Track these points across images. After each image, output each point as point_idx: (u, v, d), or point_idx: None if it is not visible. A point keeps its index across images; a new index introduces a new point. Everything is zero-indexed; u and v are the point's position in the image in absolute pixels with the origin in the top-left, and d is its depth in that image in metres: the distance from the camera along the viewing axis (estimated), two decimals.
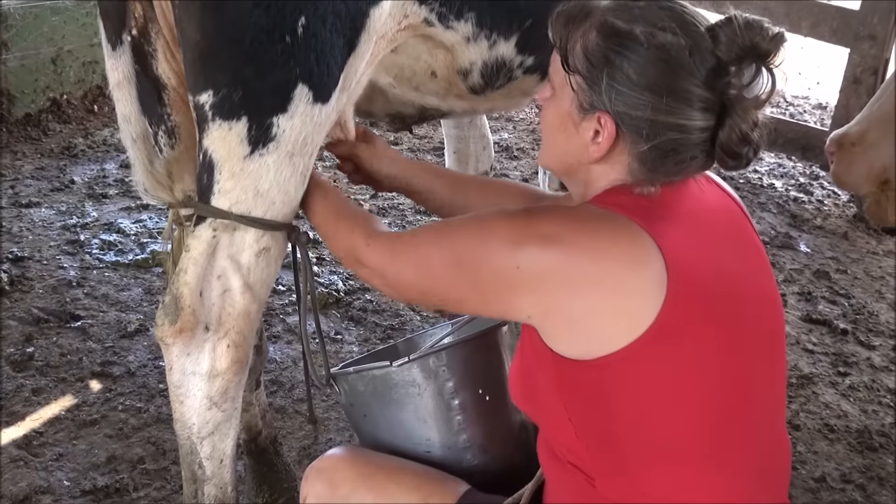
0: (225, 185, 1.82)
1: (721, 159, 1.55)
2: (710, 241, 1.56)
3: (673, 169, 1.55)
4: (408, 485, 1.79)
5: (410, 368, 1.87)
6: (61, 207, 4.55)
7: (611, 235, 1.48)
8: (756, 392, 1.57)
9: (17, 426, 3.00)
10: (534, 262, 1.49)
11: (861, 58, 5.33)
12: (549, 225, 1.52)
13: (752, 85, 1.51)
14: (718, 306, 1.51)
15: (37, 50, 5.31)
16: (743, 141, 1.52)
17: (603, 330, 1.46)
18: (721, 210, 1.65)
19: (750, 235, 1.68)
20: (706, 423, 1.50)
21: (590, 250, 1.47)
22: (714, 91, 1.50)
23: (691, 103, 1.49)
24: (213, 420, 2.00)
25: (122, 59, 1.84)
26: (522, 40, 2.18)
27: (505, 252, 1.52)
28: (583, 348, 1.47)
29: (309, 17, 1.72)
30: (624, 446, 1.50)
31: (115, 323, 3.61)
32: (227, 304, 1.93)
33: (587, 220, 1.52)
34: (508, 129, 6.30)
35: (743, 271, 1.59)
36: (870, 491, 3.08)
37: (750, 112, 1.51)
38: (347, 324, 3.77)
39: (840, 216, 5.37)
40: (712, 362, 1.50)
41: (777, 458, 1.64)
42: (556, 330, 1.50)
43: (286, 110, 1.77)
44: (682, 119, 1.50)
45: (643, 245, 1.46)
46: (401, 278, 1.70)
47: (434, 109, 2.35)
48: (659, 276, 1.44)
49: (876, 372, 3.80)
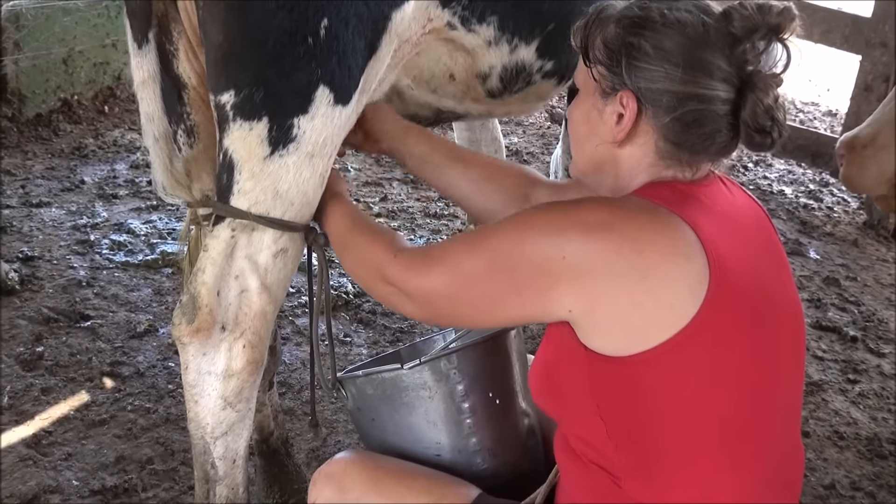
0: (244, 186, 1.83)
1: (748, 136, 1.55)
2: (744, 242, 1.56)
3: (697, 142, 1.56)
4: (418, 488, 1.78)
5: (422, 371, 1.86)
6: (71, 207, 4.55)
7: (655, 227, 1.47)
8: (781, 396, 1.57)
9: (27, 425, 3.00)
10: (580, 251, 1.46)
11: (872, 65, 5.33)
12: (593, 214, 1.51)
13: (766, 58, 1.54)
14: (755, 306, 1.51)
15: (48, 50, 5.31)
16: (767, 114, 1.53)
17: (644, 324, 1.45)
18: (750, 214, 1.66)
19: (775, 241, 1.69)
20: (735, 425, 1.50)
21: (635, 241, 1.46)
22: (731, 64, 1.52)
23: (711, 73, 1.52)
24: (227, 420, 2.00)
25: (147, 57, 1.84)
26: (543, 45, 2.19)
27: (549, 242, 1.49)
28: (620, 344, 1.46)
29: (331, 19, 1.72)
30: (656, 446, 1.49)
31: (124, 323, 3.61)
32: (244, 305, 1.93)
33: (631, 211, 1.51)
34: (518, 133, 6.31)
35: (773, 276, 1.60)
36: (879, 499, 3.07)
37: (771, 87, 1.54)
38: (356, 326, 3.77)
39: (850, 223, 5.37)
40: (747, 363, 1.50)
41: (793, 466, 1.64)
42: (595, 325, 1.48)
43: (307, 111, 1.77)
44: (701, 89, 1.51)
45: (686, 239, 1.46)
46: (430, 287, 1.63)
47: (450, 112, 2.35)
48: (701, 271, 1.44)
49: (885, 379, 3.80)
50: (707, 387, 1.47)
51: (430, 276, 1.63)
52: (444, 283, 1.62)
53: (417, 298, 1.66)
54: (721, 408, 1.49)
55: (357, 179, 5.29)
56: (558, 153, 3.43)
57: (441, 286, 1.62)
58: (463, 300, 1.61)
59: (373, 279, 1.74)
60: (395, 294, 1.69)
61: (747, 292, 1.50)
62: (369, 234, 1.81)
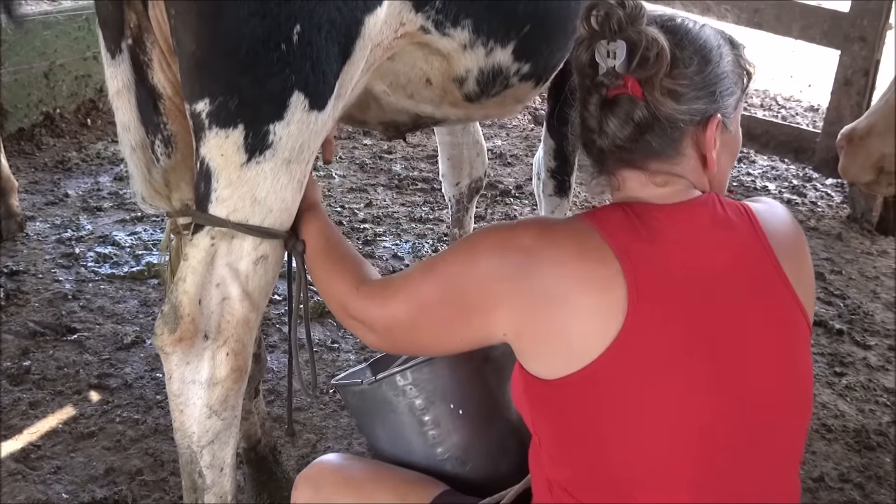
0: (222, 193, 1.82)
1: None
2: (704, 273, 1.52)
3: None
4: (386, 486, 1.84)
5: (380, 387, 1.91)
6: (56, 221, 4.55)
7: (580, 255, 1.49)
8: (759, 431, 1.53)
9: (15, 440, 2.99)
10: (517, 274, 1.50)
11: (852, 59, 5.35)
12: (527, 237, 1.54)
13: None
14: (689, 345, 1.48)
15: (29, 64, 5.31)
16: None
17: (559, 352, 1.47)
18: (734, 239, 1.57)
19: (765, 272, 1.57)
20: (687, 454, 1.48)
21: (557, 265, 1.49)
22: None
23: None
24: (212, 429, 2.00)
25: (121, 67, 1.84)
26: (520, 47, 2.19)
27: (492, 265, 1.53)
28: (543, 367, 1.50)
29: (304, 25, 1.72)
30: (594, 465, 1.51)
31: (111, 335, 3.61)
32: (226, 313, 1.93)
33: (561, 235, 1.54)
34: (502, 135, 6.32)
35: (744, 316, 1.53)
36: (868, 490, 3.09)
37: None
38: (344, 332, 3.77)
39: (834, 217, 5.39)
40: (672, 401, 1.47)
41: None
42: (526, 348, 1.52)
43: (283, 118, 1.78)
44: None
45: (608, 269, 1.47)
46: (390, 315, 1.68)
47: (428, 117, 2.35)
48: (618, 304, 1.45)
49: (872, 371, 3.82)
50: (632, 409, 1.47)
51: (390, 306, 1.68)
52: (403, 311, 1.66)
53: (378, 328, 1.72)
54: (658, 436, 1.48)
55: (342, 186, 5.30)
56: (540, 154, 3.44)
57: (400, 313, 1.67)
58: (419, 326, 1.65)
59: (337, 311, 1.82)
60: (357, 326, 1.76)
61: (676, 334, 1.48)
62: (335, 262, 1.86)
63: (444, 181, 3.75)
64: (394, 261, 4.45)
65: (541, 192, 3.44)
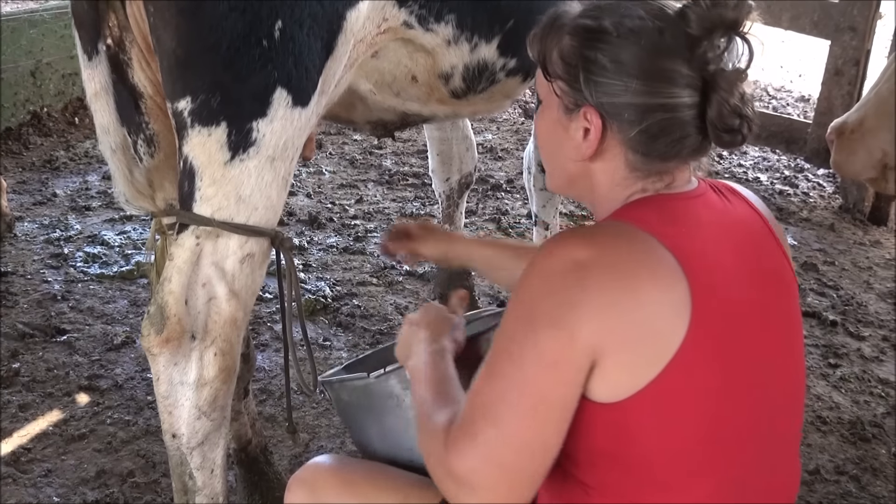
0: (206, 192, 1.81)
1: (716, 136, 1.52)
2: (734, 259, 1.51)
3: (667, 149, 1.52)
4: (387, 489, 1.79)
5: (388, 380, 1.86)
6: (44, 221, 4.52)
7: (639, 256, 1.43)
8: (778, 419, 1.54)
9: (5, 443, 2.97)
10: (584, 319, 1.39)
11: (842, 49, 5.35)
12: (578, 252, 1.44)
13: (728, 55, 1.50)
14: (744, 324, 1.48)
15: (15, 63, 5.28)
16: (734, 113, 1.49)
17: (653, 346, 1.40)
18: (744, 224, 1.60)
19: (773, 252, 1.61)
20: (717, 445, 1.47)
21: (622, 272, 1.41)
22: (693, 68, 1.48)
23: (673, 81, 1.48)
24: (202, 430, 1.98)
25: (98, 68, 1.83)
26: (505, 42, 2.17)
27: (553, 330, 1.40)
28: (631, 375, 1.41)
29: (285, 20, 1.71)
30: (631, 470, 1.46)
31: (101, 336, 3.58)
32: (213, 312, 1.91)
33: (608, 239, 1.47)
34: (492, 129, 6.30)
35: (766, 289, 1.54)
36: (864, 482, 3.08)
37: (735, 85, 1.49)
38: (336, 330, 3.75)
39: (826, 208, 5.39)
40: (731, 387, 1.46)
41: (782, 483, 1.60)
42: (608, 363, 1.41)
43: (266, 115, 1.76)
44: (664, 98, 1.48)
45: (667, 264, 1.42)
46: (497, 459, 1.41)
47: (416, 115, 2.34)
48: (683, 297, 1.41)
49: (866, 363, 3.81)
50: (688, 413, 1.44)
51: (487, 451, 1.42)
52: (493, 445, 1.41)
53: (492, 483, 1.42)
54: (704, 429, 1.45)
55: (332, 182, 5.28)
56: (531, 148, 3.43)
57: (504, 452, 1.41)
58: (535, 446, 1.42)
59: (442, 480, 1.48)
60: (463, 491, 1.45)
61: (734, 314, 1.46)
62: (430, 416, 1.56)
63: (433, 177, 3.73)
64: (385, 257, 4.42)
65: (531, 186, 3.43)
